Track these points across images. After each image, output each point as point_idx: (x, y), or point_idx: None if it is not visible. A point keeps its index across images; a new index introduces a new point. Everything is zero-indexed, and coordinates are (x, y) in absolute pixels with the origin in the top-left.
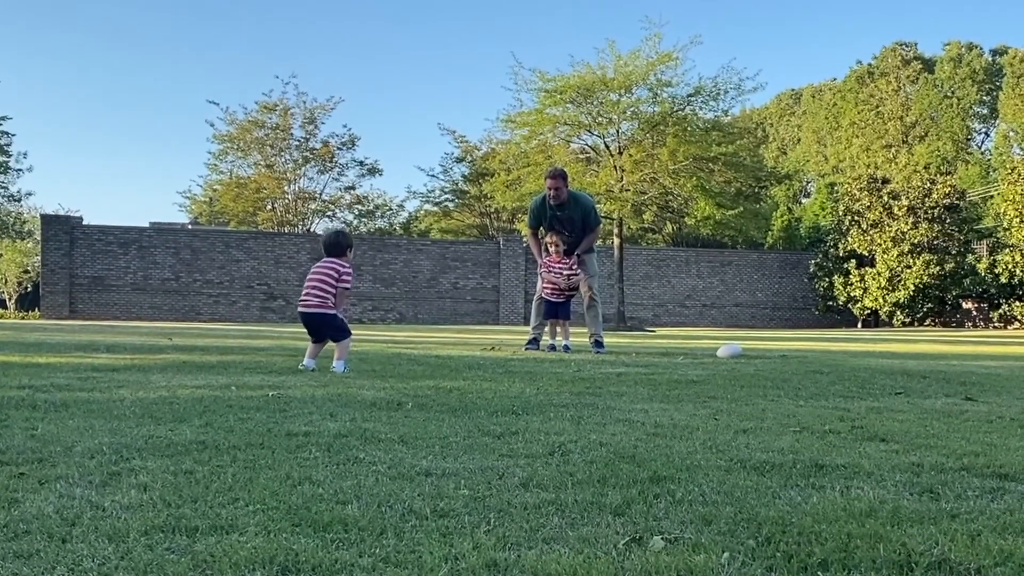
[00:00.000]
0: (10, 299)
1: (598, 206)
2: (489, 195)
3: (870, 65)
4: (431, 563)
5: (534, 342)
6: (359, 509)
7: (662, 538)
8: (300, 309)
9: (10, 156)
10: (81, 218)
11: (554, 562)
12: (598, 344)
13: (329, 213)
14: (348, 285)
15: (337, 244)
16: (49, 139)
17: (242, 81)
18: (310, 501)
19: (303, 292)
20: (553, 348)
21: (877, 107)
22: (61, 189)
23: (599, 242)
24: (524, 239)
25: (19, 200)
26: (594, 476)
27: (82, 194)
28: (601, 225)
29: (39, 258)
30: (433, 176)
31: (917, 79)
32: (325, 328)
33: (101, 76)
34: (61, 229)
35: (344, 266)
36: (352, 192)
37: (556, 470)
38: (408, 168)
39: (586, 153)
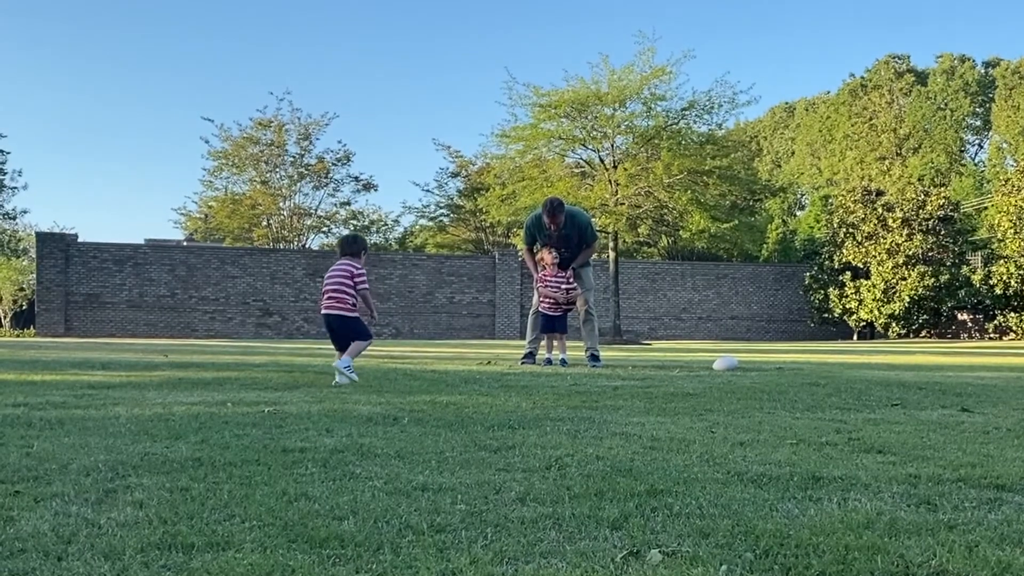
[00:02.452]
0: (5, 317)
1: (593, 220)
2: (484, 210)
3: (863, 78)
4: None
5: (530, 356)
6: (355, 525)
7: (660, 551)
8: (323, 311)
9: (5, 174)
10: (76, 235)
11: None
12: (594, 358)
13: (324, 229)
14: (366, 286)
15: (354, 243)
16: (44, 157)
17: (236, 98)
18: (306, 517)
19: (323, 296)
20: (550, 362)
21: (870, 120)
22: (56, 207)
23: (594, 256)
24: (520, 253)
25: (14, 218)
26: (591, 490)
27: (77, 211)
28: (597, 240)
29: (34, 276)
30: (428, 191)
31: (910, 91)
32: (345, 331)
33: (95, 93)
34: (56, 247)
35: (357, 267)
36: (347, 208)
37: (553, 484)
38: (403, 183)
39: (581, 167)
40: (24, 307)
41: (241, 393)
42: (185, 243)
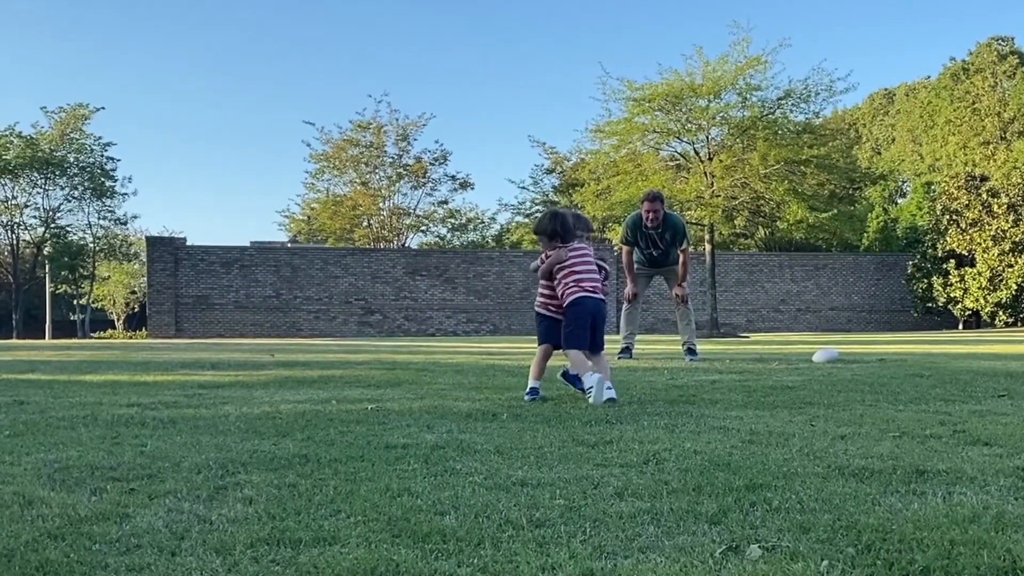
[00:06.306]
0: (118, 319)
1: (688, 213)
2: (579, 205)
3: (965, 62)
4: (528, 573)
5: (626, 351)
6: (457, 520)
7: (759, 546)
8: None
9: (116, 181)
10: (185, 239)
11: (650, 571)
12: (691, 351)
13: (423, 228)
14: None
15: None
16: (153, 162)
17: (336, 101)
18: (409, 512)
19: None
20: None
21: (973, 104)
22: (165, 211)
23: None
24: (616, 249)
25: (125, 223)
26: (689, 484)
27: (185, 216)
28: (689, 245)
29: (145, 279)
30: (524, 188)
31: (1014, 74)
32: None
33: (201, 98)
34: (166, 250)
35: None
36: (445, 206)
37: (651, 479)
38: (499, 181)
39: (675, 160)
40: (136, 309)
41: (345, 391)
42: (289, 245)
